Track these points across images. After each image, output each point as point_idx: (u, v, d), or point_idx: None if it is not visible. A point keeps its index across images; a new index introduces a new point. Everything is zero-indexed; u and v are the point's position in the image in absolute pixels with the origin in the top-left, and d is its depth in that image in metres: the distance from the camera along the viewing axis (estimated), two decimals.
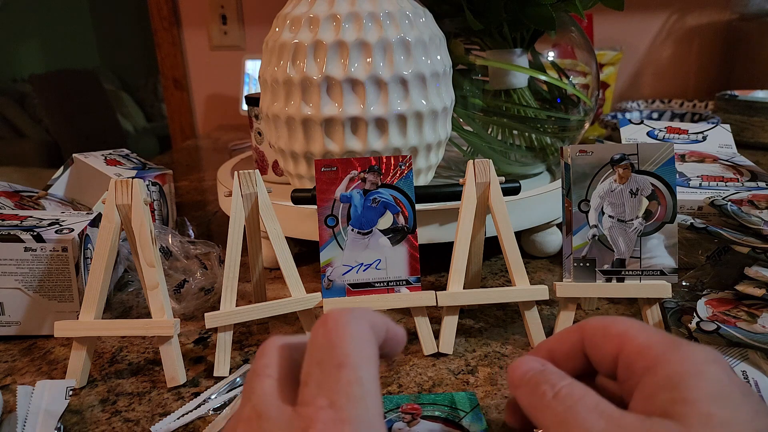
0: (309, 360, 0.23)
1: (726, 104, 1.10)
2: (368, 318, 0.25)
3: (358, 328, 0.24)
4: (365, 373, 0.22)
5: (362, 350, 0.23)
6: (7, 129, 3.44)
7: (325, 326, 0.23)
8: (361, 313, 0.25)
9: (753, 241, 0.46)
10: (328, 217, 0.46)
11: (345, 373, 0.22)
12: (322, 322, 0.24)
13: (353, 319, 0.24)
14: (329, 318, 0.24)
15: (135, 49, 4.27)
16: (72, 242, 0.48)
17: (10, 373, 0.46)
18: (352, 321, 0.24)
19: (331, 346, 0.23)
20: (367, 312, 0.25)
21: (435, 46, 0.54)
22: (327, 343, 0.23)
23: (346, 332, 0.23)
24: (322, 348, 0.23)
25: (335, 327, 0.23)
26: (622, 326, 0.26)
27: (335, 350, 0.22)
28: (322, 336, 0.23)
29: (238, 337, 0.50)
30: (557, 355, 0.28)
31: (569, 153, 0.46)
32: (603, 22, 1.36)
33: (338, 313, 0.24)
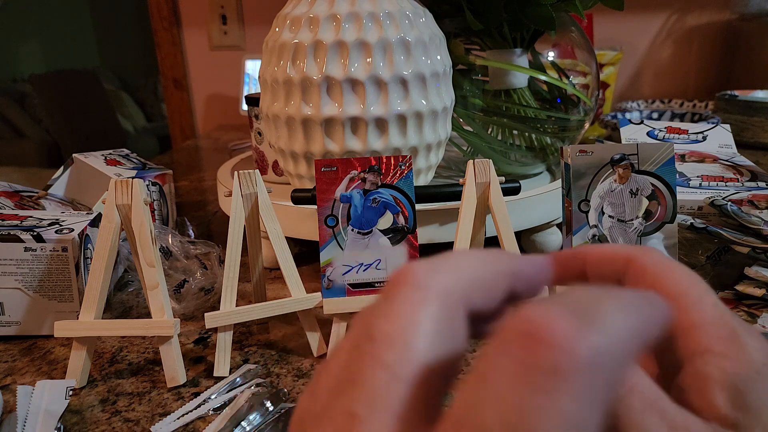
0: (466, 401, 0.13)
1: (726, 104, 1.10)
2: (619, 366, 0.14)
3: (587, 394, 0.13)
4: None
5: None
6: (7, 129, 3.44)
7: (529, 360, 0.13)
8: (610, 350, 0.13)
9: (753, 241, 0.46)
10: (328, 217, 0.46)
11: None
12: (527, 345, 0.13)
13: (588, 370, 0.13)
14: (545, 345, 0.13)
15: (135, 49, 4.27)
16: (72, 242, 0.48)
17: (10, 373, 0.46)
18: (585, 376, 0.13)
19: (515, 415, 0.12)
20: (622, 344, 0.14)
21: (435, 46, 0.54)
22: (508, 404, 0.12)
23: (556, 396, 0.12)
24: (497, 405, 0.12)
25: (546, 376, 0.12)
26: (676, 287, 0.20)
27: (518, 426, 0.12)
28: (509, 379, 0.13)
29: (238, 337, 0.50)
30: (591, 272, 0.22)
31: (569, 153, 0.46)
32: (603, 22, 1.36)
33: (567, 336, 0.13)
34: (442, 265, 0.16)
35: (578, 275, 0.22)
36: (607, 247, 0.22)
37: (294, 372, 0.45)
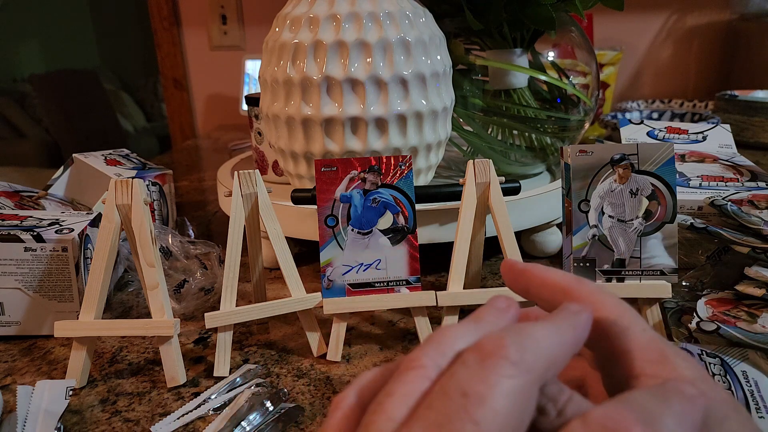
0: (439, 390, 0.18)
1: (726, 104, 1.10)
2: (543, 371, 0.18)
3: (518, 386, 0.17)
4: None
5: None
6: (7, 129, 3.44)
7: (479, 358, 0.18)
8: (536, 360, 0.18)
9: (753, 241, 0.46)
10: (328, 217, 0.46)
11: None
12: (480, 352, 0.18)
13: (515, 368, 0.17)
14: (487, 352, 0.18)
15: (135, 49, 4.27)
16: (72, 242, 0.48)
17: (10, 373, 0.46)
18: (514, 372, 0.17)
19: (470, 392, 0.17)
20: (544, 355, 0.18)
21: (435, 46, 0.54)
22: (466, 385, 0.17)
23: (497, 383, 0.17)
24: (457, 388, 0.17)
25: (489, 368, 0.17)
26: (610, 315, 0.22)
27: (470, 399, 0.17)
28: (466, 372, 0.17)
29: (238, 337, 0.50)
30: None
31: (569, 153, 0.46)
32: (603, 22, 1.36)
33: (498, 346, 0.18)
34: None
35: (523, 290, 0.25)
36: (550, 274, 0.24)
37: (294, 372, 0.45)
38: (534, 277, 0.25)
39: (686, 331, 0.44)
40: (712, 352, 0.40)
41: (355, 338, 0.49)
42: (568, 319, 0.20)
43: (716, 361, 0.39)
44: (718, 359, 0.39)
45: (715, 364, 0.38)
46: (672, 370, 0.21)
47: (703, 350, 0.40)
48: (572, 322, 0.20)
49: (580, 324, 0.20)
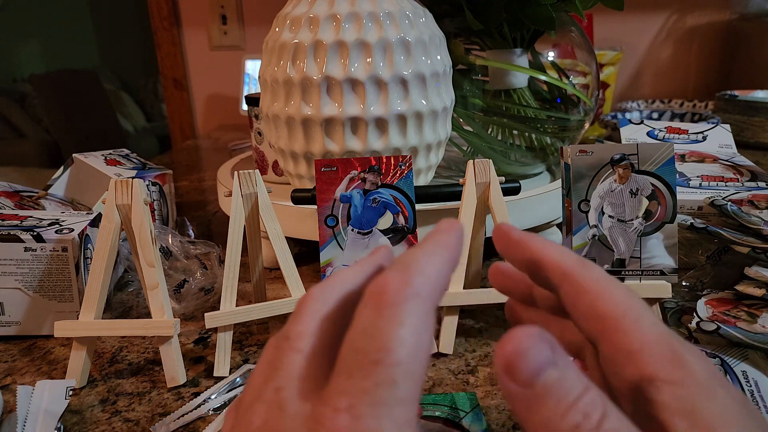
0: (348, 343, 0.19)
1: (726, 104, 1.10)
2: (434, 293, 0.20)
3: (417, 313, 0.19)
4: (404, 374, 0.18)
5: (413, 346, 0.18)
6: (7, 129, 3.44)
7: (378, 304, 0.19)
8: (425, 285, 0.19)
9: (753, 241, 0.46)
10: (328, 217, 0.46)
11: (379, 371, 0.17)
12: (376, 296, 0.19)
13: (413, 299, 0.19)
14: (385, 292, 0.19)
15: (135, 49, 4.27)
16: (72, 242, 0.48)
17: (10, 373, 0.46)
18: (412, 303, 0.19)
19: (376, 334, 0.18)
20: (431, 281, 0.20)
21: (435, 46, 0.54)
22: (372, 329, 0.18)
23: (397, 317, 0.18)
24: (365, 333, 0.18)
25: (388, 307, 0.18)
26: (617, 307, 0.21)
27: (378, 340, 0.18)
28: (369, 317, 0.19)
29: (238, 337, 0.50)
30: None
31: (569, 153, 0.46)
32: (603, 22, 1.36)
33: (397, 284, 0.19)
34: (329, 281, 0.22)
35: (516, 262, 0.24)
36: (550, 251, 0.23)
37: None
38: (531, 252, 0.23)
39: (686, 331, 0.44)
40: (712, 352, 0.40)
41: None
42: (441, 241, 0.21)
43: (716, 361, 0.39)
44: (718, 359, 0.39)
45: (715, 364, 0.38)
46: (688, 372, 0.20)
47: (703, 350, 0.40)
48: (445, 242, 0.21)
49: (451, 242, 0.21)
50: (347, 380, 0.18)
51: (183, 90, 1.61)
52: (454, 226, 0.22)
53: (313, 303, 0.21)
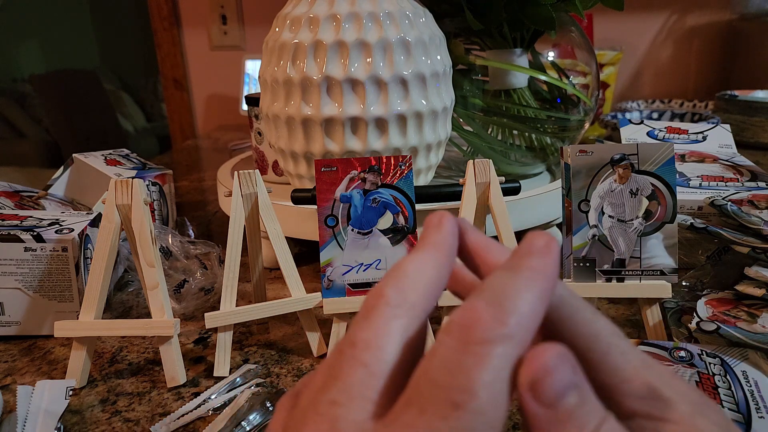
0: (424, 372, 0.17)
1: (726, 104, 1.10)
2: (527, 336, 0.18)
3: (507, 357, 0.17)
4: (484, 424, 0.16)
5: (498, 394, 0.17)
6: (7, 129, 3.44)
7: (466, 338, 0.17)
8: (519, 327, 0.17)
9: (753, 241, 0.46)
10: (328, 217, 0.46)
11: (459, 415, 0.16)
12: (464, 328, 0.17)
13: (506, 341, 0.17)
14: (476, 327, 0.17)
15: (135, 49, 4.27)
16: (72, 242, 0.48)
17: (10, 373, 0.46)
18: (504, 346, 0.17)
19: (459, 371, 0.16)
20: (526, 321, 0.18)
21: (435, 46, 0.54)
22: (455, 365, 0.17)
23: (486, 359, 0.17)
24: (446, 367, 0.17)
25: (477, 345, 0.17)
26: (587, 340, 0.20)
27: (460, 378, 0.16)
28: (453, 349, 0.17)
29: (238, 337, 0.50)
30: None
31: (569, 153, 0.46)
32: (603, 22, 1.36)
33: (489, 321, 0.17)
34: (406, 283, 0.20)
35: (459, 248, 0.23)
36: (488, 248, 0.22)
37: (294, 372, 0.45)
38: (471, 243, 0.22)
39: (686, 331, 0.44)
40: (712, 352, 0.40)
41: None
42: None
43: (716, 361, 0.39)
44: (718, 359, 0.39)
45: (715, 364, 0.38)
46: (665, 406, 0.19)
47: (703, 350, 0.40)
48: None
49: (550, 271, 0.19)
50: (419, 416, 0.16)
51: (183, 90, 1.61)
52: (551, 246, 0.19)
53: (386, 308, 0.19)
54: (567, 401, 0.17)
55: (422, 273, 0.20)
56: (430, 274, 0.20)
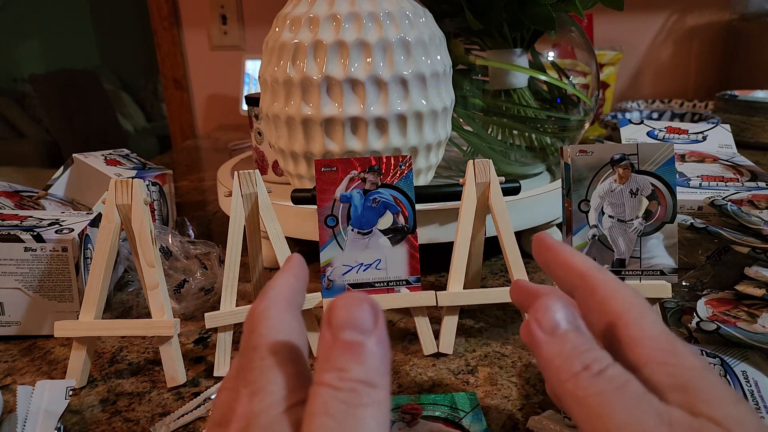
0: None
1: (726, 104, 1.10)
2: (288, 299, 0.24)
3: (277, 312, 0.23)
4: (270, 348, 0.22)
5: (277, 331, 0.22)
6: (7, 129, 3.44)
7: (247, 318, 0.23)
8: (282, 297, 0.24)
9: (753, 241, 0.46)
10: (328, 217, 0.46)
11: (257, 353, 0.22)
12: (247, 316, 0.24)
13: (270, 303, 0.23)
14: (251, 310, 0.24)
15: (135, 49, 4.27)
16: (72, 242, 0.48)
17: (10, 373, 0.46)
18: (270, 306, 0.23)
19: (255, 334, 0.22)
20: (288, 292, 0.24)
21: (435, 46, 0.54)
22: (247, 330, 0.23)
23: (262, 318, 0.23)
24: (248, 342, 0.22)
25: (252, 315, 0.23)
26: (619, 306, 0.24)
27: (255, 334, 0.22)
28: (245, 326, 0.23)
29: (238, 337, 0.50)
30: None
31: (569, 153, 0.46)
32: (603, 22, 1.36)
33: (259, 302, 0.24)
34: (268, 290, 0.25)
35: (544, 265, 0.28)
36: (573, 257, 0.27)
37: None
38: (558, 255, 0.27)
39: (686, 331, 0.44)
40: (712, 352, 0.40)
41: None
42: (285, 265, 0.26)
43: (716, 361, 0.39)
44: (718, 359, 0.39)
45: (715, 364, 0.38)
46: (681, 357, 0.22)
47: (703, 350, 0.40)
48: (288, 266, 0.26)
49: (292, 264, 0.26)
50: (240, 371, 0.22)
51: (183, 90, 1.61)
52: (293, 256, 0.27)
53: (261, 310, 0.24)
54: (564, 329, 0.22)
55: (278, 281, 0.25)
56: (282, 282, 0.25)
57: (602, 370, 0.21)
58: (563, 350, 0.22)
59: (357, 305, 0.21)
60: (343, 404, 0.19)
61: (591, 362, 0.21)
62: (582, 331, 0.23)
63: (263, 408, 0.20)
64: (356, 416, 0.19)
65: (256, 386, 0.21)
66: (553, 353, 0.22)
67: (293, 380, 0.21)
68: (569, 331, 0.22)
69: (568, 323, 0.23)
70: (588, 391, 0.20)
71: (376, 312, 0.21)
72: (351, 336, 0.20)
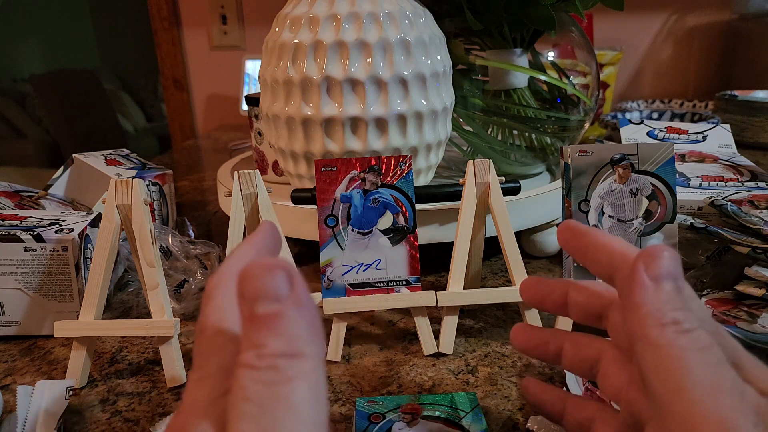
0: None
1: (726, 104, 1.10)
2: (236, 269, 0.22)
3: (225, 290, 0.22)
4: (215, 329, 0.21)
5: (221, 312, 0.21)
6: (7, 129, 3.44)
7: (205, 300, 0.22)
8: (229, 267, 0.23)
9: (753, 241, 0.46)
10: (328, 217, 0.46)
11: (207, 333, 0.21)
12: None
13: (220, 280, 0.22)
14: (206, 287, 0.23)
15: (135, 49, 4.27)
16: (72, 242, 0.48)
17: (10, 373, 0.46)
18: (219, 283, 0.22)
19: (204, 314, 0.22)
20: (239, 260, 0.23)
21: (435, 46, 0.54)
22: (202, 314, 0.22)
23: (209, 297, 0.22)
24: (199, 324, 0.22)
25: (204, 294, 0.22)
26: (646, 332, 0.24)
27: (204, 314, 0.22)
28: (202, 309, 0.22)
29: None
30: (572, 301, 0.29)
31: (569, 153, 0.46)
32: (603, 22, 1.36)
33: (211, 278, 0.23)
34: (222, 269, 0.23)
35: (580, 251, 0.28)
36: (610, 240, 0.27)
37: None
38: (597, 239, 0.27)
39: None
40: None
41: (355, 338, 0.49)
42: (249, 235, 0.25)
43: None
44: None
45: None
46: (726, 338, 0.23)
47: None
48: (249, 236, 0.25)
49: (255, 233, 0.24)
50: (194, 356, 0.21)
51: (183, 90, 1.61)
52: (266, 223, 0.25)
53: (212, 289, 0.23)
54: (667, 283, 0.23)
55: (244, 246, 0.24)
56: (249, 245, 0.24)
57: (690, 329, 0.21)
58: (658, 299, 0.22)
59: (267, 273, 0.19)
60: (262, 384, 0.17)
61: (682, 320, 0.22)
62: (681, 289, 0.23)
63: (204, 394, 0.19)
64: (278, 395, 0.17)
65: (201, 372, 0.20)
66: (648, 299, 0.22)
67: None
68: (670, 283, 0.23)
69: (672, 276, 0.23)
70: (672, 343, 0.21)
71: (290, 275, 0.19)
72: (265, 307, 0.19)
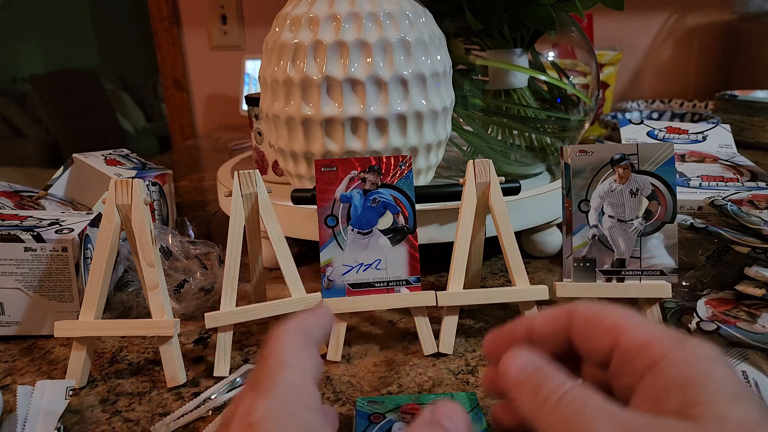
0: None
1: (726, 104, 1.10)
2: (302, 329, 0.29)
3: (290, 336, 0.28)
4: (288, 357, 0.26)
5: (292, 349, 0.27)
6: (7, 129, 3.44)
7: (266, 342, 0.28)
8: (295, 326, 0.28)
9: (753, 241, 0.46)
10: (328, 217, 0.46)
11: (269, 361, 0.26)
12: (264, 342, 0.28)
13: (286, 332, 0.28)
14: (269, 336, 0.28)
15: (135, 49, 4.27)
16: (72, 242, 0.48)
17: (10, 373, 0.46)
18: (285, 333, 0.28)
19: (266, 349, 0.27)
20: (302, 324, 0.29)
21: (435, 46, 0.54)
22: (265, 349, 0.27)
23: (278, 340, 0.27)
24: (261, 355, 0.27)
25: (271, 339, 0.27)
26: (616, 318, 0.25)
27: (266, 349, 0.27)
28: (264, 347, 0.27)
29: (238, 337, 0.50)
30: (537, 335, 0.28)
31: (569, 153, 0.46)
32: (603, 22, 1.36)
33: (275, 331, 0.28)
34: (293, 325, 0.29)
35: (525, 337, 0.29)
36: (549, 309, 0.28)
37: None
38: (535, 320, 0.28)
39: (686, 332, 0.44)
40: None
41: (355, 338, 0.49)
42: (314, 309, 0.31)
43: None
44: None
45: None
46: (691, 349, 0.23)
47: None
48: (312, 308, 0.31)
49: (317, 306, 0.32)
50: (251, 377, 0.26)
51: (183, 90, 1.61)
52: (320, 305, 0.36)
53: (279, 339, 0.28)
54: (527, 372, 0.24)
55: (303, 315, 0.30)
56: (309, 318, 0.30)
57: (559, 398, 0.22)
58: (523, 392, 0.24)
59: None
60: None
61: (548, 395, 0.23)
62: (539, 366, 0.25)
63: (267, 406, 0.23)
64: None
65: (261, 387, 0.24)
66: (520, 398, 0.24)
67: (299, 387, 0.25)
68: (528, 373, 0.25)
69: (526, 366, 0.25)
70: (552, 421, 0.22)
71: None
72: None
